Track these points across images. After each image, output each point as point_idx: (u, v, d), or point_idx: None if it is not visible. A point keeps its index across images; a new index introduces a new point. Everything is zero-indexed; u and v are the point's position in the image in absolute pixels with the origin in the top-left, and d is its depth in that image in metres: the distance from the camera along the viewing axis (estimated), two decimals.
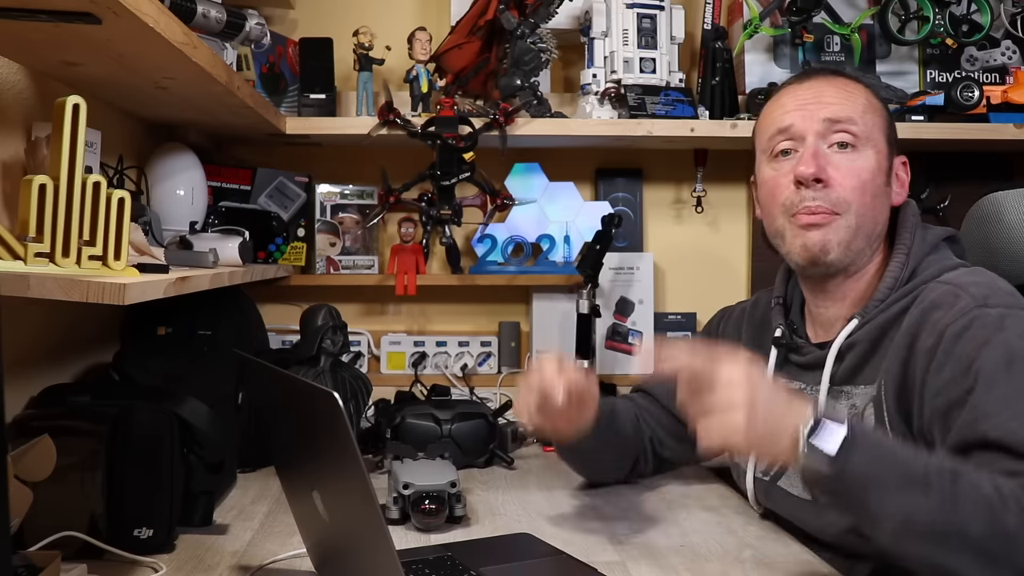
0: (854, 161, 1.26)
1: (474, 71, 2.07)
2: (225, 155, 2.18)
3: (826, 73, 1.35)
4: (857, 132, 1.27)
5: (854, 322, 1.26)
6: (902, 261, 1.26)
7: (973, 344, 1.10)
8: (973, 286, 1.16)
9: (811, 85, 1.32)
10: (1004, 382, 1.07)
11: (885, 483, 1.00)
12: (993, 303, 1.13)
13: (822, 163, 1.26)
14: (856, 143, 1.27)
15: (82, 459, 1.22)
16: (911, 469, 1.01)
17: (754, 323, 1.47)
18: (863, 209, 1.26)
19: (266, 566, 1.23)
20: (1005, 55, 2.14)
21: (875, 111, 1.30)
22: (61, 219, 1.07)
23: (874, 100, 1.32)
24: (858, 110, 1.28)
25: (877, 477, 1.00)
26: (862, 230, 1.26)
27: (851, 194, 1.25)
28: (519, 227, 2.21)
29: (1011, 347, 1.09)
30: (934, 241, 1.29)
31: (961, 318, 1.13)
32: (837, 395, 1.27)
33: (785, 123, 1.30)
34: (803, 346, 1.35)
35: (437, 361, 2.21)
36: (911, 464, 1.01)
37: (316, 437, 0.97)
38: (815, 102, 1.29)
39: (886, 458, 1.02)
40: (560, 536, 1.34)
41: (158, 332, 1.76)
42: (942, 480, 1.00)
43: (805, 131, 1.28)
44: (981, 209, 1.44)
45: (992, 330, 1.10)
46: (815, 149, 1.27)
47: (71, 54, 1.26)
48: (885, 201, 1.30)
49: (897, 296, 1.24)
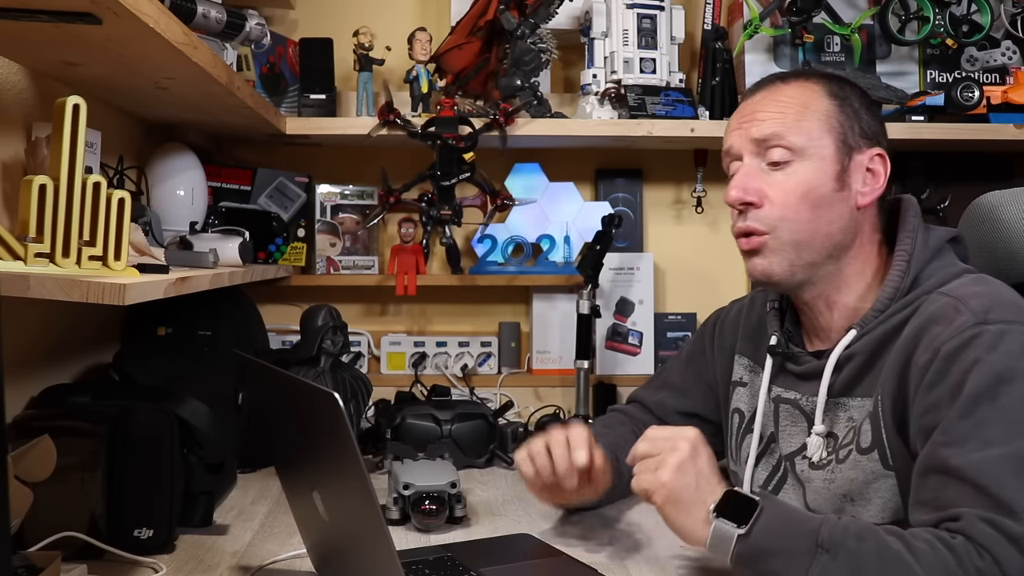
0: (790, 177, 1.22)
1: (474, 71, 2.07)
2: (225, 155, 2.18)
3: (772, 82, 1.29)
4: (790, 145, 1.22)
5: (852, 332, 1.22)
6: (903, 268, 1.21)
7: (965, 364, 1.07)
8: (974, 298, 1.12)
9: (753, 101, 1.28)
10: (983, 408, 1.04)
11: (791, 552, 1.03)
12: (993, 319, 1.09)
13: (752, 185, 1.23)
14: (791, 157, 1.22)
15: (82, 459, 1.22)
16: (818, 535, 1.03)
17: (750, 327, 1.43)
18: (799, 224, 1.21)
19: (266, 566, 1.23)
20: (1005, 55, 2.14)
21: (816, 113, 1.24)
22: (61, 219, 1.07)
23: (821, 99, 1.25)
24: (789, 121, 1.23)
25: (783, 548, 1.04)
26: (804, 245, 1.22)
27: (783, 211, 1.21)
28: (519, 227, 2.21)
29: (999, 370, 1.05)
30: (936, 245, 1.24)
31: (958, 335, 1.09)
32: (834, 407, 1.24)
33: (727, 144, 1.29)
34: (800, 355, 1.30)
35: (437, 361, 2.21)
36: (816, 529, 1.03)
37: (316, 437, 0.97)
38: (749, 120, 1.26)
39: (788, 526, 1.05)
40: (560, 536, 1.34)
41: (158, 332, 1.76)
42: (847, 539, 1.01)
43: (741, 151, 1.26)
44: (978, 208, 1.44)
45: (985, 350, 1.07)
46: (747, 170, 1.25)
47: (71, 54, 1.26)
48: (838, 207, 1.23)
49: (898, 307, 1.19)
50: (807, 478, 1.26)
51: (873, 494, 1.17)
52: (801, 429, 1.28)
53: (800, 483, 1.28)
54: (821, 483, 1.23)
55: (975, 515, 0.99)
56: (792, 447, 1.29)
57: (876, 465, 1.17)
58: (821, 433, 1.24)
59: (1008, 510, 0.98)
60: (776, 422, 1.32)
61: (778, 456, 1.32)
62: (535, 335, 2.23)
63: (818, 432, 1.24)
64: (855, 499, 1.19)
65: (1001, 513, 0.98)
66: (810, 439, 1.25)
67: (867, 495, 1.18)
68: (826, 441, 1.24)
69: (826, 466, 1.23)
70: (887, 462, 1.16)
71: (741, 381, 1.42)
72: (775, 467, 1.32)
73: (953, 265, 1.23)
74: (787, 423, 1.30)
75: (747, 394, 1.39)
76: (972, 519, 0.99)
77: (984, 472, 1.01)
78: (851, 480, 1.19)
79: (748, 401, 1.38)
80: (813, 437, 1.24)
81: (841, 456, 1.21)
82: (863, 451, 1.18)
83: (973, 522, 0.99)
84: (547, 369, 2.22)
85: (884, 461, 1.16)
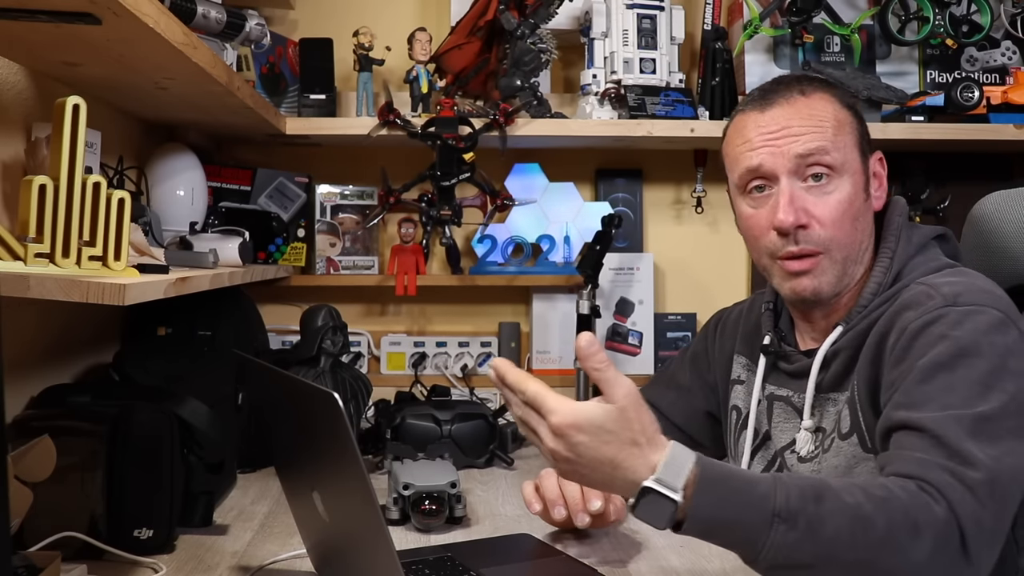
0: (831, 194, 1.20)
1: (474, 71, 2.07)
2: (225, 155, 2.18)
3: (787, 92, 1.24)
4: (832, 162, 1.20)
5: (838, 329, 1.23)
6: (886, 266, 1.23)
7: (930, 339, 1.09)
8: (947, 286, 1.14)
9: (775, 115, 1.22)
10: (943, 376, 1.05)
11: (746, 525, 0.94)
12: (963, 301, 1.11)
13: (799, 206, 1.20)
14: (832, 174, 1.20)
15: (82, 459, 1.22)
16: (773, 503, 0.94)
17: (749, 328, 1.45)
18: (847, 239, 1.22)
19: (266, 567, 1.23)
20: (1005, 55, 2.14)
21: (846, 126, 1.23)
22: (61, 219, 1.07)
23: (843, 112, 1.24)
24: (829, 135, 1.20)
25: (736, 520, 0.95)
26: (850, 258, 1.23)
27: (832, 231, 1.20)
28: (519, 227, 2.21)
29: (963, 344, 1.06)
30: (921, 241, 1.26)
31: (926, 315, 1.11)
32: (823, 402, 1.25)
33: (754, 163, 1.22)
34: (791, 354, 1.32)
35: (437, 362, 2.21)
36: (770, 497, 0.95)
37: (316, 438, 0.97)
38: (783, 135, 1.21)
39: (740, 499, 0.95)
40: (560, 536, 1.34)
41: (158, 332, 1.76)
42: (805, 505, 0.94)
43: (776, 170, 1.21)
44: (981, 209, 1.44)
45: (950, 326, 1.08)
46: (791, 193, 1.20)
47: (71, 54, 1.26)
48: (867, 216, 1.25)
49: (879, 301, 1.21)
50: (796, 471, 1.28)
51: (856, 478, 1.18)
52: (793, 425, 1.30)
53: None
54: (809, 474, 1.25)
55: (932, 462, 0.98)
56: (784, 442, 1.32)
57: (856, 449, 1.19)
58: (809, 428, 1.26)
59: (965, 460, 0.98)
60: (770, 419, 1.34)
61: (773, 451, 1.34)
62: (535, 335, 2.23)
63: (806, 427, 1.26)
64: None
65: (958, 463, 0.98)
66: (799, 434, 1.28)
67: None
68: (814, 436, 1.27)
69: (814, 458, 1.26)
70: (865, 444, 1.18)
71: (739, 379, 1.43)
72: (770, 462, 1.34)
73: (936, 260, 1.24)
74: (780, 419, 1.33)
75: (744, 392, 1.41)
76: (929, 465, 0.98)
77: (943, 427, 1.00)
78: (835, 467, 1.21)
79: (745, 399, 1.40)
80: (802, 432, 1.27)
81: (826, 446, 1.24)
82: (843, 436, 1.21)
83: (930, 468, 0.98)
84: (547, 369, 2.22)
85: (863, 444, 1.18)
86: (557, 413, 0.95)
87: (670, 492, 0.94)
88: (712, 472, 0.96)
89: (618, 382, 0.96)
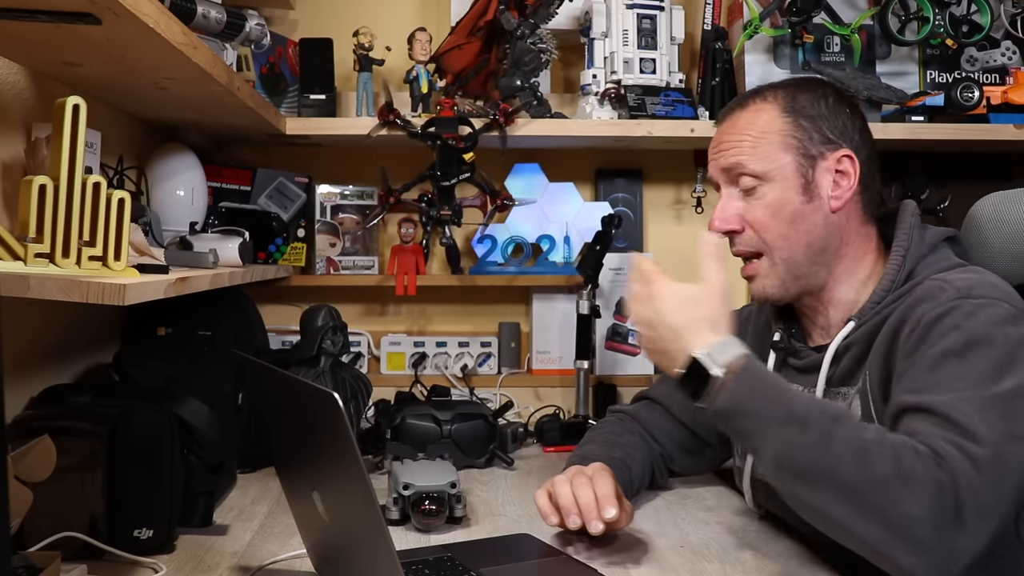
0: (760, 200, 1.28)
1: (474, 71, 2.07)
2: (225, 155, 2.18)
3: (733, 108, 1.35)
4: (754, 171, 1.28)
5: (850, 325, 1.26)
6: (898, 263, 1.26)
7: (942, 329, 1.11)
8: (961, 280, 1.17)
9: (719, 131, 1.35)
10: (953, 364, 1.08)
11: (764, 417, 1.06)
12: (976, 294, 1.14)
13: (731, 213, 1.30)
14: (757, 183, 1.28)
15: (82, 459, 1.22)
16: (793, 408, 1.05)
17: (759, 326, 1.48)
18: (782, 241, 1.28)
19: (266, 567, 1.23)
20: (1005, 56, 2.14)
21: (774, 136, 1.28)
22: (61, 219, 1.07)
23: (775, 123, 1.29)
24: (746, 148, 1.29)
25: (756, 411, 1.07)
26: (791, 261, 1.28)
27: (764, 233, 1.28)
28: (519, 227, 2.21)
29: (975, 334, 1.09)
30: (933, 241, 1.28)
31: (939, 307, 1.14)
32: (834, 396, 1.27)
33: (709, 173, 1.36)
34: (801, 350, 1.35)
35: (437, 362, 2.21)
36: (794, 403, 1.06)
37: (316, 438, 0.97)
38: (716, 151, 1.34)
39: (768, 394, 1.08)
40: (560, 536, 1.34)
41: (158, 333, 1.76)
42: (823, 420, 1.03)
43: (718, 180, 1.34)
44: (981, 209, 1.44)
45: (963, 317, 1.11)
46: (723, 203, 1.32)
47: (71, 54, 1.26)
48: (813, 217, 1.27)
49: (893, 298, 1.24)
50: None
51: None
52: None
53: None
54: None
55: (939, 435, 1.02)
56: None
57: None
58: None
59: (971, 436, 1.01)
60: None
61: None
62: (535, 335, 2.23)
63: None
64: None
65: (964, 437, 1.01)
66: None
67: None
68: None
69: None
70: None
71: None
72: None
73: (948, 259, 1.27)
74: None
75: None
76: (936, 438, 1.02)
77: (952, 407, 1.04)
78: None
79: None
80: None
81: None
82: None
83: (936, 439, 1.02)
84: (547, 369, 2.22)
85: None
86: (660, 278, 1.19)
87: (713, 367, 1.09)
88: (754, 365, 1.11)
89: (718, 269, 1.18)
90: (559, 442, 1.91)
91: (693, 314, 1.14)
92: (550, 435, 1.93)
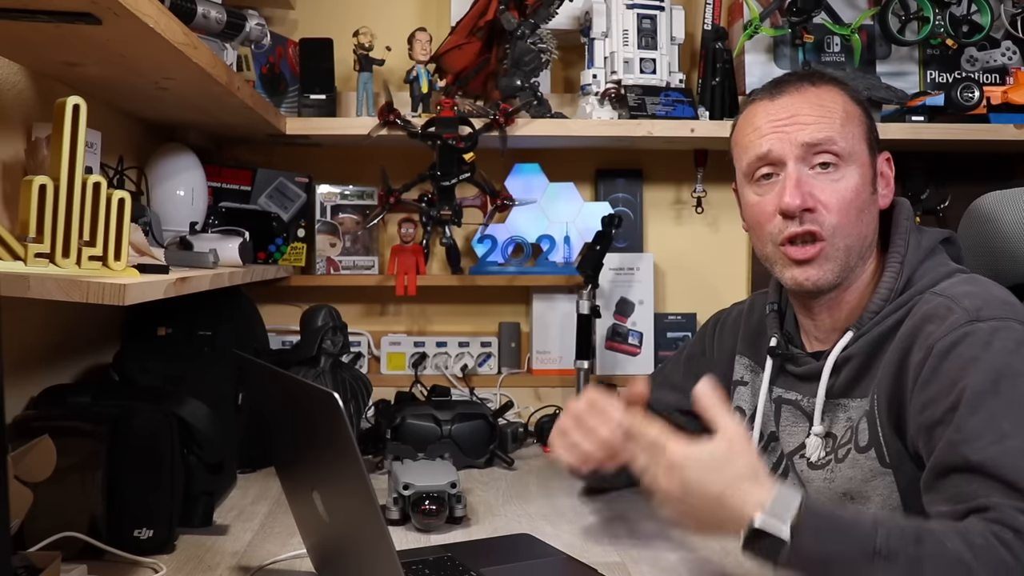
0: (838, 182, 1.21)
1: (474, 71, 2.07)
2: (225, 155, 2.18)
3: (798, 83, 1.26)
4: (839, 151, 1.21)
5: (849, 334, 1.23)
6: (896, 270, 1.23)
7: (960, 361, 1.08)
8: (966, 298, 1.13)
9: (785, 103, 1.24)
10: (989, 403, 1.04)
11: (849, 560, 0.97)
12: (986, 316, 1.10)
13: (806, 190, 1.20)
14: (839, 162, 1.21)
15: (82, 460, 1.22)
16: (874, 542, 0.97)
17: (750, 329, 1.45)
18: (851, 228, 1.21)
19: (266, 567, 1.23)
20: (1005, 55, 2.14)
21: (854, 119, 1.24)
22: (61, 219, 1.07)
23: (852, 105, 1.25)
24: (836, 125, 1.22)
25: (839, 557, 0.98)
26: (853, 249, 1.23)
27: (838, 217, 1.20)
28: (519, 227, 2.21)
29: (998, 366, 1.06)
30: (929, 245, 1.26)
31: (951, 333, 1.10)
32: (833, 407, 1.25)
33: (763, 149, 1.24)
34: (799, 356, 1.32)
35: (437, 362, 2.21)
36: (870, 536, 0.98)
37: (316, 438, 0.97)
38: (791, 123, 1.22)
39: (843, 535, 0.99)
40: (560, 537, 1.34)
41: (158, 333, 1.76)
42: (905, 546, 0.96)
43: (784, 156, 1.22)
44: (979, 209, 1.44)
45: (980, 347, 1.08)
46: (797, 177, 1.21)
47: (71, 54, 1.26)
48: (873, 210, 1.25)
49: (892, 308, 1.21)
50: (807, 478, 1.27)
51: (872, 492, 1.18)
52: (802, 429, 1.30)
53: (801, 483, 1.29)
54: (821, 483, 1.24)
55: (1009, 506, 0.98)
56: (793, 446, 1.31)
57: (874, 463, 1.18)
58: (820, 434, 1.26)
59: None
60: (777, 422, 1.34)
61: (780, 453, 1.33)
62: (535, 335, 2.23)
63: (816, 433, 1.26)
64: (855, 497, 1.20)
65: None
66: (809, 439, 1.26)
67: (866, 493, 1.19)
68: (824, 441, 1.26)
69: (825, 465, 1.24)
70: (884, 460, 1.17)
71: (742, 380, 1.43)
72: (775, 464, 1.34)
73: (945, 265, 1.24)
74: (788, 423, 1.32)
75: (748, 393, 1.40)
76: (1006, 510, 0.98)
77: (1007, 466, 1.00)
78: (850, 479, 1.21)
79: (749, 400, 1.39)
80: (812, 438, 1.26)
81: (840, 455, 1.22)
82: (861, 450, 1.19)
83: (1009, 513, 0.98)
84: (547, 369, 2.22)
85: (881, 459, 1.17)
86: (673, 445, 1.05)
87: (781, 528, 0.98)
88: (817, 508, 1.01)
89: (729, 414, 1.06)
90: None
91: (728, 475, 1.02)
92: (550, 435, 1.93)
